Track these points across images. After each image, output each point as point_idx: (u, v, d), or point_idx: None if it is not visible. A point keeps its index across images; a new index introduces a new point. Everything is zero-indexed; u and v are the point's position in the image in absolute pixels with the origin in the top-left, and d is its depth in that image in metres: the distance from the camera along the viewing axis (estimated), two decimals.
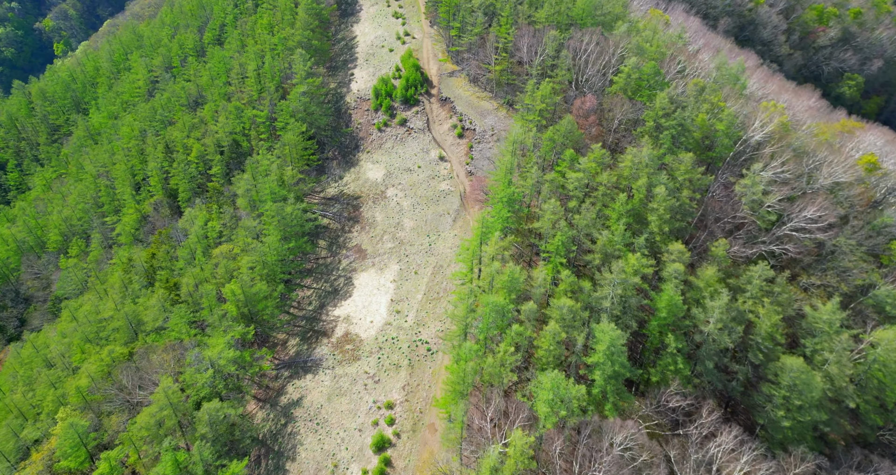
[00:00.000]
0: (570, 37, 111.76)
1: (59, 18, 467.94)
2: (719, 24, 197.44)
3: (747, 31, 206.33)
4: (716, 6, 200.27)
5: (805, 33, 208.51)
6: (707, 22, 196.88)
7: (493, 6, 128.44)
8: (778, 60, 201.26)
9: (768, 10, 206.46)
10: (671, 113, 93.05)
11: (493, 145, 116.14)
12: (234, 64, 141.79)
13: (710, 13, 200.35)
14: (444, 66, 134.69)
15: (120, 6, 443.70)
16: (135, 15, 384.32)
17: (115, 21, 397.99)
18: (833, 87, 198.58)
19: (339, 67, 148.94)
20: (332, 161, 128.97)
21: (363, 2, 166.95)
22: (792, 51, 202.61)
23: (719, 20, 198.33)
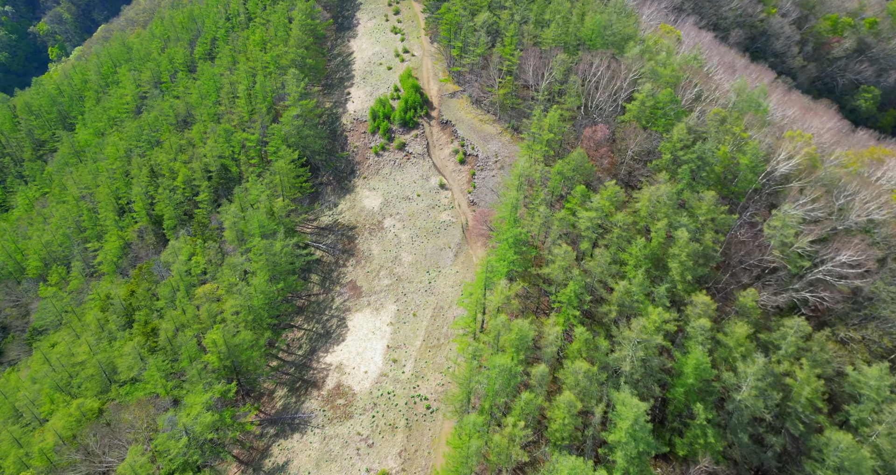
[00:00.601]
0: (579, 60, 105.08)
1: (53, 22, 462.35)
2: (730, 36, 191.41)
3: (759, 43, 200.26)
4: (726, 17, 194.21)
5: (819, 44, 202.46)
6: (718, 34, 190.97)
7: (497, 25, 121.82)
8: (791, 73, 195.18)
9: (780, 20, 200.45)
10: (690, 145, 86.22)
11: (497, 173, 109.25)
12: (224, 82, 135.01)
13: (721, 24, 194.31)
14: (444, 87, 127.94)
15: (115, 10, 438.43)
16: (129, 20, 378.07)
17: (109, 26, 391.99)
18: (848, 100, 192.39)
19: (334, 86, 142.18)
20: (326, 186, 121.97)
21: (361, 15, 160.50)
22: (805, 62, 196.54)
23: (730, 32, 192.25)
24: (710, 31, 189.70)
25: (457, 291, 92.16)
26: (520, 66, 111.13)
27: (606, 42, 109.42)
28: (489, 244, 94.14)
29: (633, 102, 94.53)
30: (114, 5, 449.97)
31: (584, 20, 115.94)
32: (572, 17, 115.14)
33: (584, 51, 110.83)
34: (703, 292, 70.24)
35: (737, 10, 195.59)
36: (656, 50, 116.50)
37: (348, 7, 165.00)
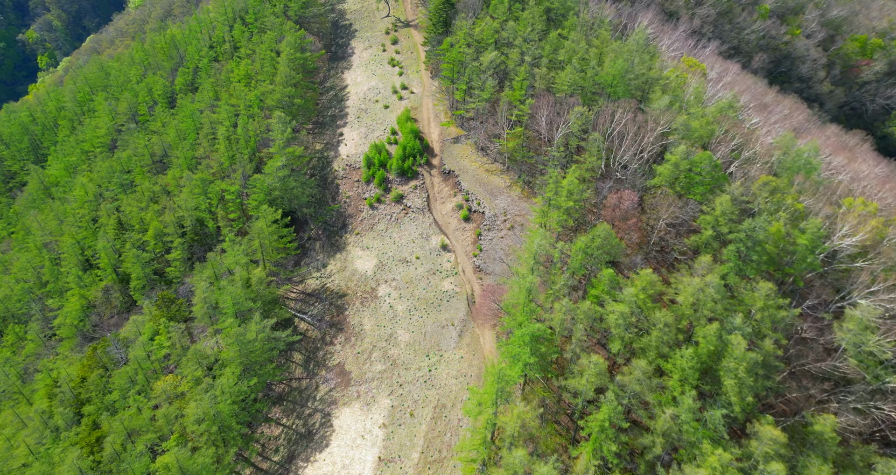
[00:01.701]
0: (600, 111, 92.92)
1: (43, 30, 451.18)
2: (753, 60, 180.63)
3: (783, 67, 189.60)
4: (749, 41, 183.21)
5: (846, 67, 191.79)
6: (740, 59, 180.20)
7: (505, 65, 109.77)
8: (818, 99, 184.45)
9: (805, 42, 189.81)
10: (735, 219, 73.78)
11: (506, 234, 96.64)
12: (205, 121, 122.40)
13: (743, 48, 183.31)
14: (447, 131, 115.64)
15: (107, 17, 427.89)
16: (119, 31, 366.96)
17: (98, 36, 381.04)
18: (879, 127, 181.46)
19: (326, 125, 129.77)
20: (314, 242, 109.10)
21: (356, 44, 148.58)
22: (833, 87, 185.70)
23: (753, 56, 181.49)
24: (732, 56, 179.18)
25: (461, 384, 79.13)
26: (531, 113, 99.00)
27: (629, 88, 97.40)
28: (499, 328, 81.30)
29: (664, 164, 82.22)
30: (105, 12, 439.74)
31: (603, 62, 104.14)
32: (589, 57, 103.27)
33: (603, 98, 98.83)
34: (769, 420, 57.38)
35: (759, 32, 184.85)
36: (683, 93, 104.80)
37: (343, 35, 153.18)
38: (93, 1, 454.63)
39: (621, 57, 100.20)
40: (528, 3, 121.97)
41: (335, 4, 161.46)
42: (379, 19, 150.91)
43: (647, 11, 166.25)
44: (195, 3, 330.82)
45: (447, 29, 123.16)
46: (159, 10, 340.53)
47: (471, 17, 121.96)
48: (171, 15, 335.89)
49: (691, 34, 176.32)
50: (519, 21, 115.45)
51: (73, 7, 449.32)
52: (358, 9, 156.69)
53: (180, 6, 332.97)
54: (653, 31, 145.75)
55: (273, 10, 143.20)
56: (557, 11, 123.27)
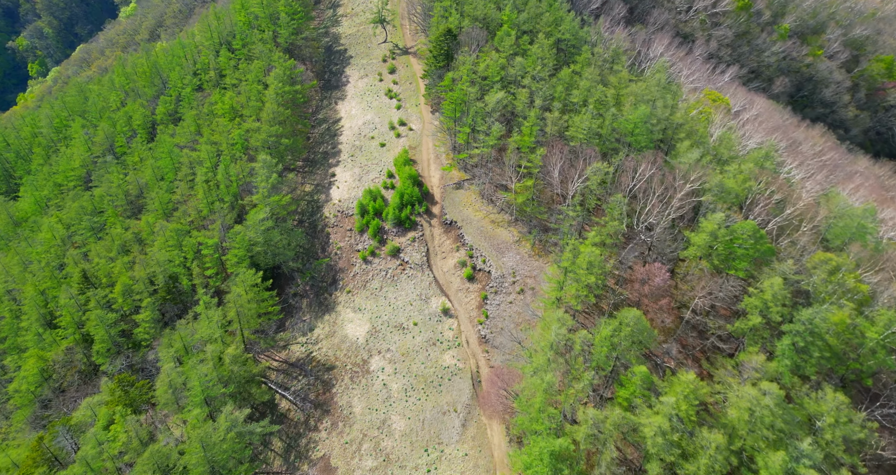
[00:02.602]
0: (620, 166, 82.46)
1: (33, 37, 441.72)
2: (774, 84, 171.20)
3: (805, 90, 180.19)
4: (769, 64, 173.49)
5: (871, 90, 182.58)
6: (760, 84, 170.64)
7: (513, 105, 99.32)
8: (843, 125, 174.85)
9: (828, 64, 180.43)
10: (788, 303, 63.12)
11: (515, 299, 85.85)
12: (184, 160, 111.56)
13: (763, 72, 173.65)
14: (448, 176, 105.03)
15: (99, 24, 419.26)
16: (109, 41, 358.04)
17: (88, 46, 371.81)
18: None
19: (317, 163, 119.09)
20: (301, 299, 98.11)
21: (351, 72, 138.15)
22: (858, 112, 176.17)
23: (774, 81, 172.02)
24: (751, 80, 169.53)
25: None
26: (543, 161, 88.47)
27: (652, 136, 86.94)
28: (510, 422, 70.31)
29: (698, 233, 71.57)
30: (97, 19, 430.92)
31: (621, 104, 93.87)
32: (607, 99, 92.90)
33: (623, 146, 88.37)
34: None
35: (779, 54, 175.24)
36: (709, 133, 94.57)
37: (337, 61, 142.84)
38: (85, 8, 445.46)
39: (642, 101, 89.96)
40: (536, 36, 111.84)
41: (329, 27, 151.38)
42: (376, 45, 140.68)
43: (661, 35, 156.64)
44: (187, 15, 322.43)
45: (448, 62, 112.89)
46: (151, 20, 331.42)
47: (474, 50, 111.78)
48: (163, 25, 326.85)
49: (708, 58, 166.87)
50: (527, 56, 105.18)
51: (64, 14, 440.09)
52: (353, 33, 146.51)
53: (172, 16, 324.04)
54: (669, 58, 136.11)
55: (262, 36, 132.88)
56: (569, 42, 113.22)
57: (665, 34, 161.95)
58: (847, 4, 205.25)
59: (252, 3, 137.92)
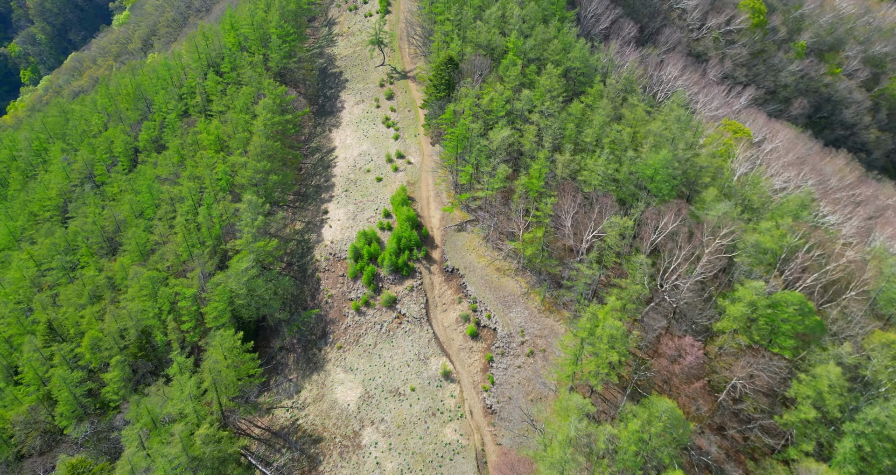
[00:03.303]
0: (641, 218, 74.21)
1: (26, 43, 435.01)
2: (792, 106, 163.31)
3: (824, 111, 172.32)
4: (786, 84, 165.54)
5: (893, 109, 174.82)
6: (777, 105, 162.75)
7: (519, 143, 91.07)
8: (864, 148, 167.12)
9: (848, 84, 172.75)
10: (846, 393, 54.74)
11: (524, 362, 77.44)
12: (164, 196, 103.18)
13: (780, 93, 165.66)
14: (450, 216, 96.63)
15: (93, 30, 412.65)
16: (101, 49, 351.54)
17: (80, 55, 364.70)
18: None
19: (309, 197, 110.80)
20: (287, 353, 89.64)
21: (346, 97, 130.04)
22: (880, 133, 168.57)
23: (792, 102, 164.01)
24: (768, 101, 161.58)
25: None
26: (553, 208, 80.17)
27: (674, 183, 78.60)
28: None
29: (735, 302, 63.20)
30: (92, 25, 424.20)
31: (638, 144, 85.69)
32: (623, 139, 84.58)
33: (643, 192, 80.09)
34: None
35: (797, 74, 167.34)
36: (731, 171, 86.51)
37: (332, 84, 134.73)
38: (79, 13, 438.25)
39: (661, 140, 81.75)
40: (544, 65, 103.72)
41: (324, 48, 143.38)
42: (373, 68, 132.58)
43: (674, 56, 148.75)
44: (181, 23, 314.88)
45: (450, 92, 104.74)
46: (144, 29, 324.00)
47: (477, 80, 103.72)
48: (156, 34, 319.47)
49: (723, 79, 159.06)
50: (535, 88, 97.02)
51: (57, 20, 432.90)
52: (350, 54, 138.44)
53: (166, 26, 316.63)
54: (683, 82, 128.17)
55: (251, 59, 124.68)
56: (578, 71, 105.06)
57: (678, 55, 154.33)
58: (865, 19, 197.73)
59: (242, 24, 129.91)
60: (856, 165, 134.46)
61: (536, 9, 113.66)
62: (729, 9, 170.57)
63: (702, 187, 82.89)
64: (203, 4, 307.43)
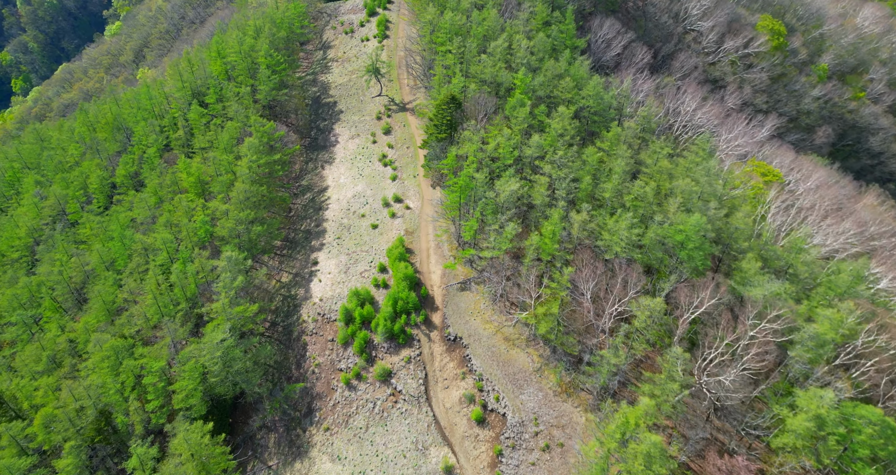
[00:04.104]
0: (671, 294, 64.56)
1: (17, 51, 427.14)
2: (816, 134, 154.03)
3: (849, 139, 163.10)
4: (809, 111, 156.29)
5: None
6: (800, 134, 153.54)
7: (530, 197, 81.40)
8: (893, 178, 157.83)
9: (873, 109, 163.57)
10: None
11: (539, 458, 67.54)
12: (137, 246, 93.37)
13: (802, 120, 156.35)
14: (451, 273, 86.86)
15: (87, 38, 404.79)
16: (92, 61, 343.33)
17: (70, 66, 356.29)
18: None
19: (298, 244, 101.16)
20: (267, 433, 79.66)
21: (341, 130, 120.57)
22: None
23: (815, 131, 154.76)
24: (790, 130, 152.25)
25: None
26: (571, 277, 70.49)
27: (709, 251, 68.91)
28: None
29: (795, 412, 53.31)
30: (85, 33, 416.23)
31: (663, 199, 76.11)
32: (646, 194, 74.87)
33: (671, 257, 70.44)
34: None
35: (820, 100, 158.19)
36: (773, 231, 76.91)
37: (325, 115, 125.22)
38: (72, 21, 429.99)
39: (690, 197, 72.15)
40: (555, 105, 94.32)
41: (318, 74, 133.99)
42: (369, 98, 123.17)
43: (691, 85, 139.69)
44: (174, 35, 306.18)
45: (452, 132, 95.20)
46: (136, 41, 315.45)
47: (481, 121, 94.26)
48: (149, 46, 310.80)
49: (742, 106, 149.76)
50: (546, 133, 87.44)
51: (50, 28, 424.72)
52: (345, 83, 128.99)
53: (158, 37, 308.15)
54: (703, 114, 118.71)
55: (238, 90, 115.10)
56: (591, 109, 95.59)
57: (694, 83, 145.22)
58: (889, 37, 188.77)
59: (229, 51, 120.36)
60: (890, 203, 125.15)
61: (545, 40, 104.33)
62: (746, 31, 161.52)
63: (737, 250, 73.31)
64: (197, 16, 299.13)
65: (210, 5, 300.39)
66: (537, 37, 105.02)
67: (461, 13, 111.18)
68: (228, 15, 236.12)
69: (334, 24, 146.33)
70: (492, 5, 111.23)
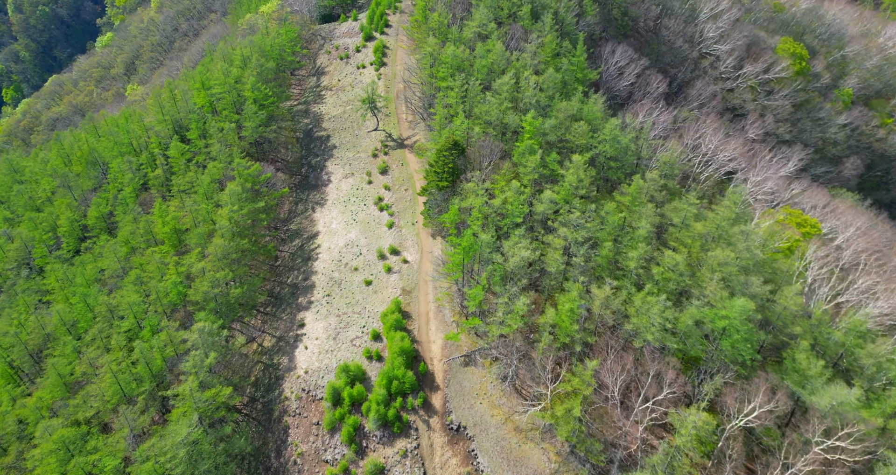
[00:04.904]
0: (718, 396, 54.71)
1: (8, 60, 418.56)
2: (844, 166, 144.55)
3: (878, 169, 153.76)
4: (836, 142, 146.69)
5: None
6: (826, 166, 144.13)
7: (543, 262, 71.53)
8: None
9: None
10: None
11: None
12: (101, 308, 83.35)
13: (828, 151, 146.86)
14: (454, 346, 76.91)
15: (80, 47, 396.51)
16: (82, 73, 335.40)
17: (60, 78, 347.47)
18: None
19: (283, 300, 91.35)
20: None
21: (333, 167, 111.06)
22: None
23: (843, 162, 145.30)
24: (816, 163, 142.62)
25: None
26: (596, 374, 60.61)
27: (757, 340, 59.05)
28: None
29: None
30: (78, 42, 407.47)
31: (696, 268, 66.33)
32: (677, 262, 64.97)
33: (713, 344, 60.61)
34: None
35: (846, 128, 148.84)
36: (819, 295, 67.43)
37: (317, 150, 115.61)
38: (65, 30, 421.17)
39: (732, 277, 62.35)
40: (568, 153, 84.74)
41: (310, 104, 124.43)
42: (365, 133, 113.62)
43: (711, 118, 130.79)
44: (167, 48, 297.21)
45: (454, 179, 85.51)
46: (127, 53, 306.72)
47: (487, 170, 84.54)
48: (140, 58, 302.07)
49: (764, 137, 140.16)
50: (560, 185, 77.66)
51: (42, 37, 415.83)
52: (339, 114, 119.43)
53: (150, 50, 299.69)
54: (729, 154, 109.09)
55: (221, 125, 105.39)
56: (606, 154, 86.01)
57: (713, 112, 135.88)
58: None
59: (214, 82, 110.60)
60: None
61: (556, 76, 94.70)
62: (766, 55, 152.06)
63: (787, 335, 63.48)
64: (190, 28, 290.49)
65: (204, 17, 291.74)
66: (546, 72, 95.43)
67: (464, 45, 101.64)
68: (222, 30, 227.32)
69: (329, 48, 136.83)
70: (496, 36, 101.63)
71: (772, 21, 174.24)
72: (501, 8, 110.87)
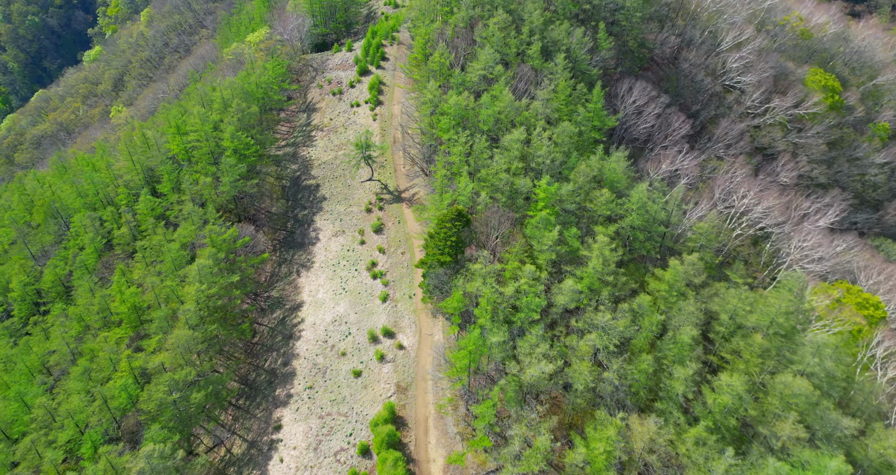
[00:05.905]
0: None
1: None
2: (886, 212, 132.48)
3: None
4: (877, 184, 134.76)
5: None
6: (868, 212, 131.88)
7: (565, 373, 59.12)
8: None
9: None
10: None
11: None
12: (40, 412, 70.69)
13: (868, 195, 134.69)
14: (458, 472, 64.33)
15: (71, 58, 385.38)
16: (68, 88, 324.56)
17: (46, 93, 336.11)
18: None
19: (258, 391, 78.94)
20: None
21: (322, 223, 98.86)
22: None
23: (885, 207, 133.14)
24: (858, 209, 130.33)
25: None
26: None
27: None
28: None
29: None
30: (69, 52, 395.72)
31: (762, 389, 54.24)
32: (737, 392, 52.64)
33: None
34: None
35: (885, 168, 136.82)
36: None
37: (305, 201, 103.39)
38: (55, 40, 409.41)
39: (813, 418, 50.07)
40: (590, 225, 72.52)
41: (299, 146, 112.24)
42: (358, 183, 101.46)
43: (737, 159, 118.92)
44: (156, 64, 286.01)
45: (457, 255, 73.22)
46: (115, 69, 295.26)
47: (494, 241, 72.37)
48: (129, 74, 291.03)
49: (798, 180, 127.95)
50: (583, 269, 65.38)
51: (32, 47, 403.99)
52: (330, 160, 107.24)
53: (139, 66, 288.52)
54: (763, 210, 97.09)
55: (195, 177, 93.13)
56: (633, 223, 73.81)
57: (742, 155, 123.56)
58: None
59: (191, 128, 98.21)
60: None
61: (571, 128, 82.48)
62: (796, 88, 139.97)
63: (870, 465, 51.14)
64: (181, 43, 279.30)
65: (195, 32, 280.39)
66: (561, 125, 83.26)
67: (467, 91, 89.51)
68: (210, 51, 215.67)
69: (321, 81, 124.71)
70: (504, 81, 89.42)
71: (798, 49, 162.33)
72: (508, 45, 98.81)
